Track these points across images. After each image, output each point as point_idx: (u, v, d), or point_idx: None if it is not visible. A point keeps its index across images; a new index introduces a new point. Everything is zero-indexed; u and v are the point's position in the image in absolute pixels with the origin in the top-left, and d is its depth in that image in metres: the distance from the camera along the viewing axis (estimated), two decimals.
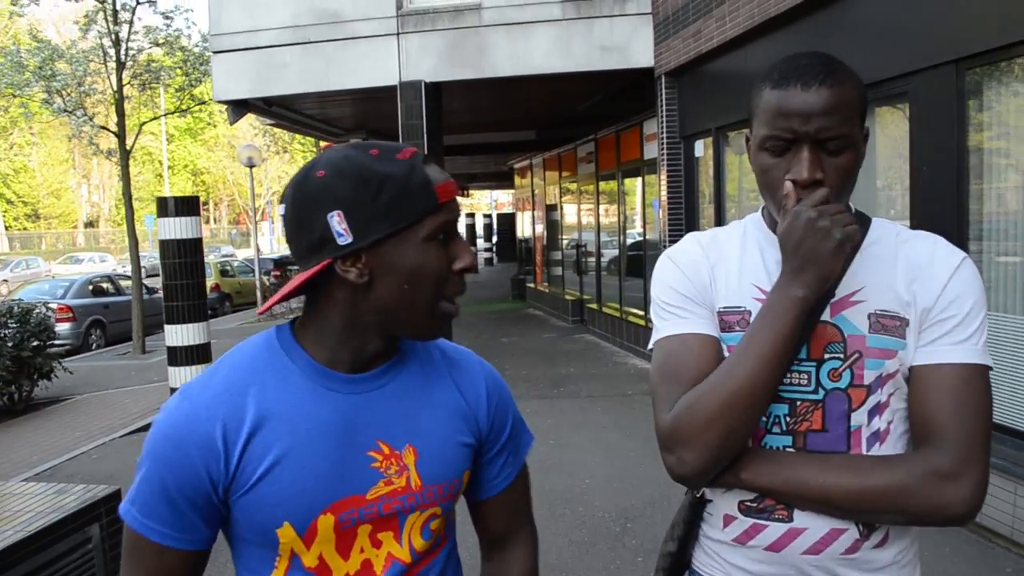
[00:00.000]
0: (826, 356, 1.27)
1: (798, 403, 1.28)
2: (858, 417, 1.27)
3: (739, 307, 1.34)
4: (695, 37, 7.30)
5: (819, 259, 1.17)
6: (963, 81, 4.39)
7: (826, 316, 1.28)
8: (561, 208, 15.73)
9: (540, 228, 17.71)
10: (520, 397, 8.22)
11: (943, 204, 4.54)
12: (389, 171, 1.07)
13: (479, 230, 32.70)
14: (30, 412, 8.63)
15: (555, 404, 7.91)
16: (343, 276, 1.08)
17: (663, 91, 8.38)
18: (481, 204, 53.20)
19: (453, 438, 1.22)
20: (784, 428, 1.29)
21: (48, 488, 3.71)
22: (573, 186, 14.63)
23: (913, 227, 4.67)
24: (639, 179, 10.95)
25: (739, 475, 1.26)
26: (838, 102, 1.20)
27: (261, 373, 1.13)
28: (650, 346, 1.40)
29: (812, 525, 1.26)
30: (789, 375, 1.28)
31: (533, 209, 18.61)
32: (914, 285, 1.27)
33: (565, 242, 15.45)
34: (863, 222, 1.35)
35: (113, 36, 12.17)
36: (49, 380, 8.97)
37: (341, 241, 1.06)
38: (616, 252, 12.13)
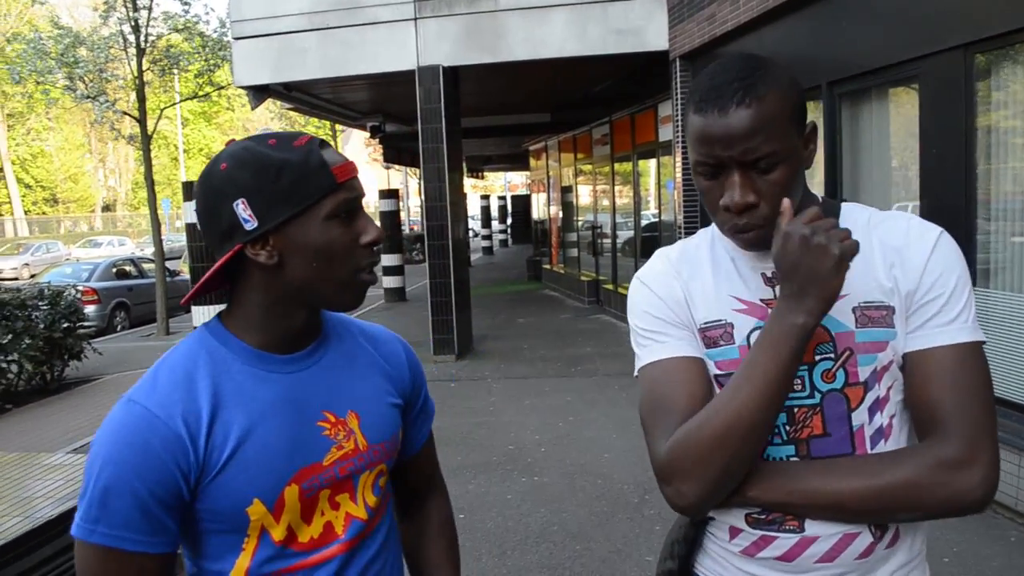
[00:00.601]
0: (817, 358, 1.22)
1: (795, 410, 1.24)
2: (859, 416, 1.22)
3: (720, 320, 1.29)
4: (709, 21, 7.39)
5: (819, 279, 1.10)
6: (971, 65, 4.49)
7: None
8: (576, 190, 15.85)
9: (555, 209, 17.83)
10: (537, 376, 8.43)
11: (953, 185, 4.65)
12: (286, 157, 1.14)
13: (494, 211, 32.78)
14: (62, 391, 8.87)
15: (572, 382, 8.08)
16: (254, 259, 1.16)
17: (678, 74, 8.47)
18: (495, 186, 53.28)
19: (385, 400, 1.33)
20: (785, 437, 1.24)
21: None
22: (588, 168, 14.73)
23: (924, 207, 4.82)
24: (654, 161, 11.05)
25: (746, 494, 1.22)
26: (759, 121, 1.14)
27: (203, 367, 1.18)
28: (635, 374, 1.35)
29: (824, 533, 1.21)
30: None
31: (548, 191, 18.73)
32: (894, 270, 1.22)
33: (580, 223, 15.57)
34: (832, 209, 1.29)
35: (132, 22, 12.32)
36: (79, 360, 9.23)
37: (248, 227, 1.13)
38: (631, 233, 12.25)
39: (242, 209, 1.13)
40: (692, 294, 1.32)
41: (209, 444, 1.13)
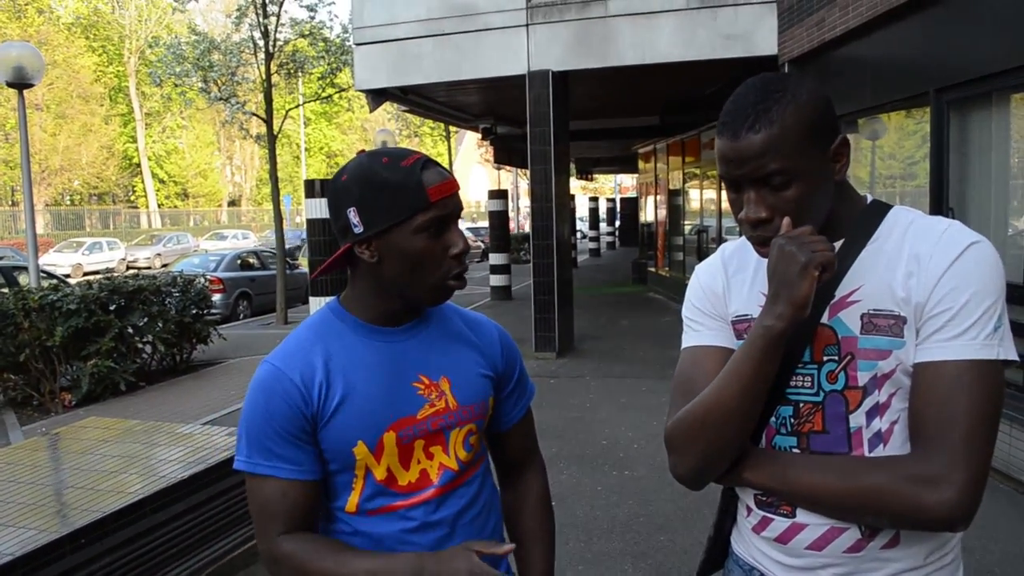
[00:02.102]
0: (824, 359, 1.29)
1: (801, 405, 1.32)
2: (856, 419, 1.28)
3: (746, 315, 1.40)
4: (819, 26, 7.37)
5: (788, 284, 1.19)
6: None
7: (825, 318, 1.29)
8: (684, 193, 15.80)
9: (663, 213, 17.79)
10: (636, 376, 8.57)
11: None
12: (389, 177, 1.36)
13: (602, 214, 32.76)
14: (190, 372, 9.55)
15: (669, 384, 8.14)
16: (360, 256, 1.42)
17: None
18: (605, 188, 53.24)
19: (475, 370, 1.55)
20: (789, 429, 1.34)
21: (222, 431, 4.32)
22: (696, 171, 14.69)
23: None
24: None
25: (742, 474, 1.33)
26: (768, 145, 1.21)
27: (323, 335, 1.46)
28: None
29: (812, 522, 1.30)
30: (795, 378, 1.33)
31: (656, 193, 18.69)
32: (911, 280, 1.24)
33: (687, 227, 15.52)
34: (878, 211, 1.33)
35: (262, 28, 13.06)
36: (206, 344, 9.92)
37: (356, 230, 1.39)
38: (738, 238, 12.17)
39: (353, 215, 1.39)
40: (732, 288, 1.44)
41: (321, 396, 1.41)
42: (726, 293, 1.44)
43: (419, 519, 1.46)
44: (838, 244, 1.31)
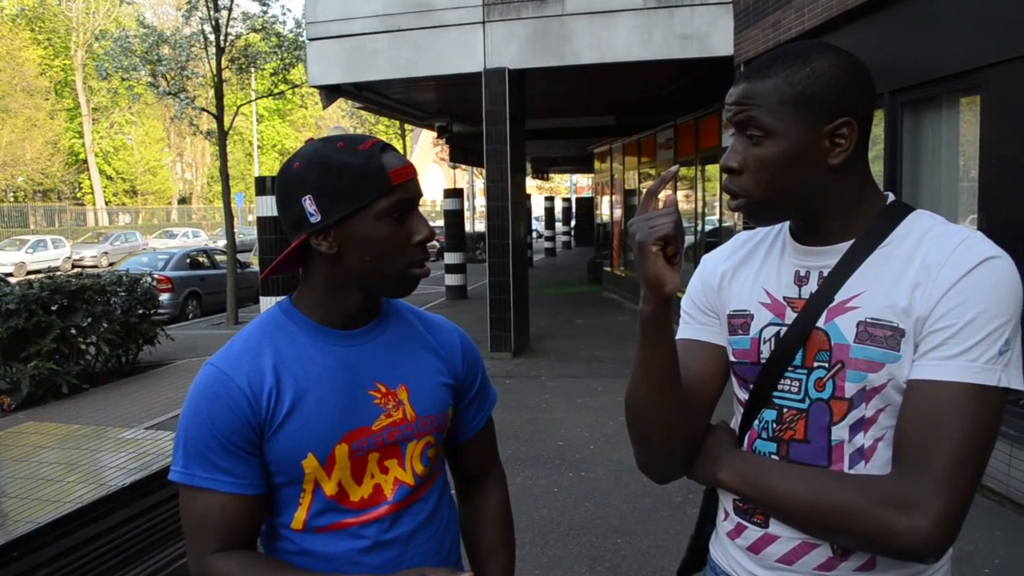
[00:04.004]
0: (815, 364, 1.22)
1: (785, 411, 1.25)
2: (839, 432, 1.20)
3: (744, 311, 1.33)
4: (774, 27, 7.41)
5: (639, 265, 1.18)
6: None
7: (821, 322, 1.21)
8: (640, 193, 15.86)
9: (619, 212, 17.86)
10: (592, 376, 8.54)
11: (1014, 198, 4.61)
12: (348, 160, 1.27)
13: (558, 213, 32.84)
14: (136, 374, 9.29)
15: (625, 383, 8.08)
16: (317, 248, 1.31)
17: None
18: (561, 188, 53.39)
19: (435, 378, 1.45)
20: (771, 434, 1.28)
21: (168, 435, 4.17)
22: (652, 171, 14.75)
23: (983, 220, 4.78)
24: (717, 166, 11.05)
25: (716, 475, 1.29)
26: (757, 91, 1.19)
27: (271, 336, 1.35)
28: None
29: (784, 535, 1.24)
30: (784, 381, 1.26)
31: (612, 193, 18.76)
32: (917, 291, 1.14)
33: None
34: (898, 211, 1.23)
35: (213, 22, 12.78)
36: (153, 345, 9.66)
37: (312, 220, 1.28)
38: (693, 238, 12.25)
39: (308, 204, 1.28)
40: (733, 281, 1.37)
41: (270, 403, 1.30)
42: (722, 288, 1.39)
43: (372, 538, 1.36)
44: (847, 245, 1.24)
